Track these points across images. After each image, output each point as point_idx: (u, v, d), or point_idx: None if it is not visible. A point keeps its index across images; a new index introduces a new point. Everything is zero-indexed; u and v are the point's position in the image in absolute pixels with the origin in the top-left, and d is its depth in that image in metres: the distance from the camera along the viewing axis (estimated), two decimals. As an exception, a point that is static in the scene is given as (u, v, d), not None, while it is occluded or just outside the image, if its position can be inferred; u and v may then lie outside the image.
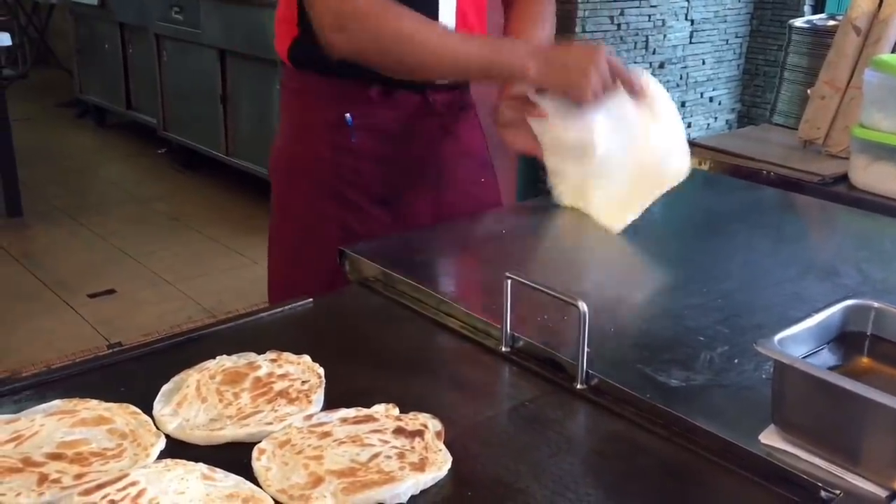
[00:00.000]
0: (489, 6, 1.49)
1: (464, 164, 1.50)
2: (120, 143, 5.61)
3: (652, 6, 3.97)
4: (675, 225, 1.45)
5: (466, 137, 1.51)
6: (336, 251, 1.26)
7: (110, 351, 1.05)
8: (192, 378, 0.89)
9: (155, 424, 0.83)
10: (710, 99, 4.50)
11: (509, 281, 0.97)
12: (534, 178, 4.06)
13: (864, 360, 0.83)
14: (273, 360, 0.94)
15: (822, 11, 4.18)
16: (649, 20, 3.95)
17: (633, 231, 1.33)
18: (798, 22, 2.18)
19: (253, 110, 4.21)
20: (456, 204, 1.48)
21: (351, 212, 1.41)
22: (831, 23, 2.19)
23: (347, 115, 1.38)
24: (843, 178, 1.71)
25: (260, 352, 0.96)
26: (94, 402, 0.85)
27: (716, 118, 4.57)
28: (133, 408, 0.84)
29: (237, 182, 4.52)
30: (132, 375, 0.94)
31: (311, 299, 1.12)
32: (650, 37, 3.99)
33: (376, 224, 1.41)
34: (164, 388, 0.89)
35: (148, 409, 0.85)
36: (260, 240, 3.86)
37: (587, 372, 0.91)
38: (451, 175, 1.48)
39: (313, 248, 1.41)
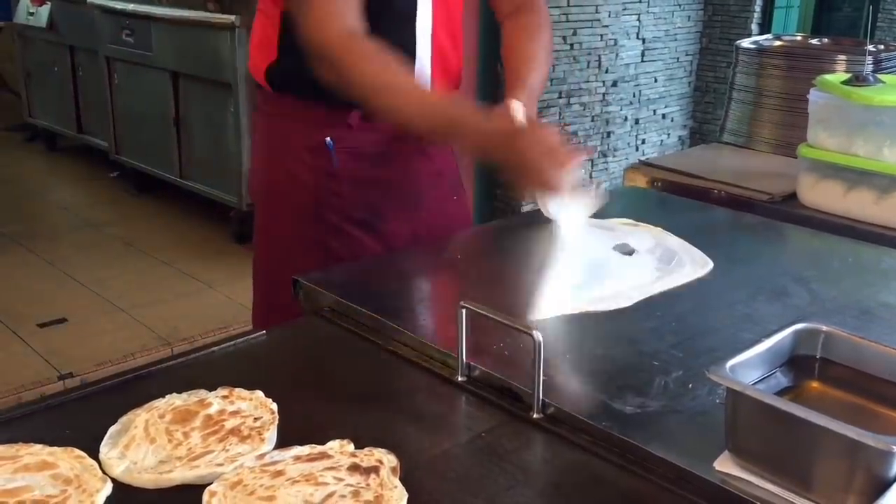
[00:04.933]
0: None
1: (438, 184, 1.52)
2: (71, 167, 5.50)
3: (604, 26, 4.02)
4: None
5: (439, 158, 1.53)
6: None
7: (55, 392, 1.02)
8: (140, 418, 0.87)
9: (101, 468, 0.80)
10: (663, 116, 4.57)
11: (464, 310, 0.97)
12: (489, 194, 4.08)
13: (815, 384, 0.84)
14: (225, 397, 0.92)
15: (768, 31, 4.28)
16: (601, 40, 4.01)
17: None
18: (745, 42, 2.23)
19: (207, 132, 4.17)
20: (431, 222, 1.49)
21: (332, 234, 1.42)
22: (777, 43, 2.25)
23: (328, 138, 1.39)
24: (792, 196, 1.74)
25: (211, 388, 0.94)
26: (37, 447, 0.82)
27: (668, 134, 4.64)
28: (78, 451, 0.82)
29: (192, 205, 4.46)
30: (78, 416, 0.92)
31: (263, 332, 1.10)
32: (603, 56, 4.04)
33: (357, 246, 1.42)
34: (112, 429, 0.86)
35: (95, 452, 0.82)
36: (216, 263, 3.85)
37: (543, 401, 0.91)
38: (426, 195, 1.49)
39: (296, 272, 1.41)
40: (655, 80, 4.44)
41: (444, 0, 1.42)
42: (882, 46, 2.14)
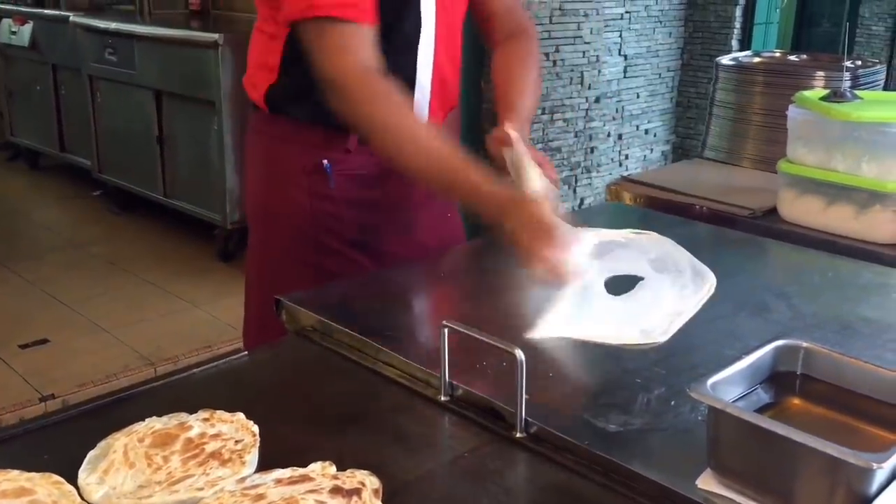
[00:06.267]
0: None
1: (431, 204, 1.53)
2: (53, 186, 5.47)
3: (586, 43, 4.06)
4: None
5: None
6: None
7: (34, 416, 1.00)
8: (119, 442, 0.86)
9: (80, 494, 0.79)
10: (646, 131, 4.60)
11: (446, 329, 0.97)
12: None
13: (796, 401, 0.85)
14: (205, 420, 0.91)
15: (748, 47, 4.33)
16: (584, 56, 4.04)
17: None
18: (724, 59, 2.25)
19: (191, 151, 4.16)
20: (426, 242, 1.50)
21: (328, 256, 1.42)
22: (756, 60, 2.27)
23: (325, 161, 1.39)
24: (773, 211, 1.75)
25: (192, 410, 0.93)
26: (14, 473, 0.81)
27: (652, 150, 4.67)
28: (56, 477, 0.81)
29: (175, 223, 4.45)
30: (58, 441, 0.91)
31: (245, 353, 1.10)
32: (585, 72, 4.07)
33: (352, 267, 1.42)
34: (91, 454, 0.85)
35: (74, 478, 0.81)
36: (200, 282, 3.84)
37: (526, 420, 0.91)
38: (420, 215, 1.50)
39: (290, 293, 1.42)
40: (638, 96, 4.48)
41: (447, 25, 1.43)
42: (859, 62, 2.17)
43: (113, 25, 4.39)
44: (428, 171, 1.29)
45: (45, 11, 5.15)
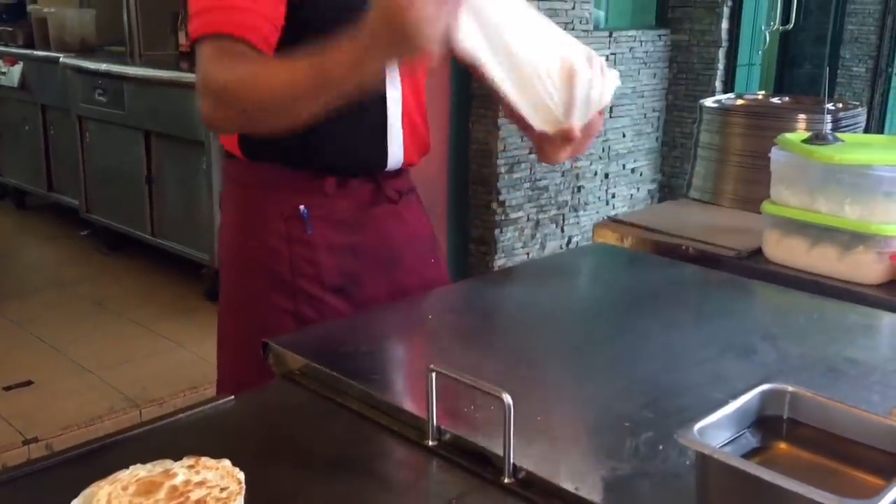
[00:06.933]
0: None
1: (413, 247, 1.52)
2: (41, 225, 5.46)
3: (572, 84, 4.10)
4: (603, 304, 1.48)
5: (414, 220, 1.53)
6: None
7: (17, 464, 0.99)
8: (102, 491, 0.85)
9: (62, 545, 0.78)
10: (632, 170, 4.65)
11: (433, 373, 0.96)
12: (462, 250, 4.10)
13: (783, 445, 0.85)
14: (190, 467, 0.90)
15: (731, 88, 4.40)
16: (571, 97, 4.09)
17: (561, 311, 1.34)
18: (708, 101, 2.28)
19: (179, 191, 4.17)
20: (408, 286, 1.48)
21: (306, 303, 1.40)
22: (739, 102, 2.30)
23: (302, 206, 1.38)
24: (758, 251, 1.77)
25: (177, 457, 0.92)
26: (-5, 524, 0.80)
27: (638, 188, 4.71)
28: (38, 528, 0.80)
29: (163, 263, 4.44)
30: (40, 489, 0.90)
31: (232, 397, 1.09)
32: (572, 113, 4.11)
33: (332, 313, 1.40)
34: (74, 503, 0.84)
35: (55, 528, 0.80)
36: (187, 322, 3.82)
37: (514, 465, 0.90)
38: (403, 258, 1.48)
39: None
40: (624, 136, 4.53)
41: (411, 72, 1.44)
42: (840, 105, 2.20)
43: (103, 66, 4.42)
44: (305, 78, 1.10)
45: (36, 52, 5.18)
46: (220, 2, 1.22)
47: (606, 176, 4.49)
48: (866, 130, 2.48)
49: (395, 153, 1.45)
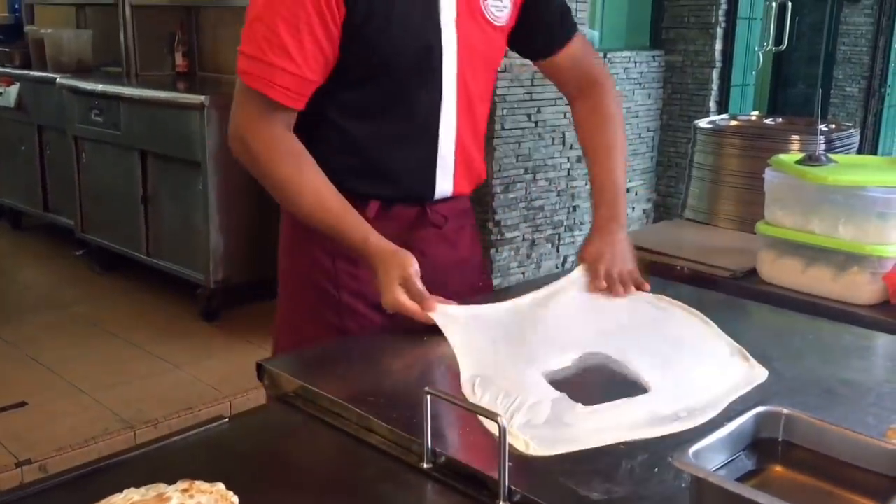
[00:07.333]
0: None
1: (461, 271, 1.53)
2: (36, 245, 5.45)
3: (567, 104, 4.11)
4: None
5: (462, 244, 1.54)
6: None
7: (10, 488, 0.99)
8: (96, 516, 0.84)
9: (54, 570, 0.77)
10: (628, 190, 4.66)
11: (428, 396, 0.96)
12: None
13: (778, 468, 0.85)
14: (184, 490, 0.89)
15: (725, 109, 4.42)
16: (565, 117, 4.10)
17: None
18: (702, 122, 2.29)
19: (175, 210, 4.17)
20: None
21: (350, 318, 1.43)
22: (733, 123, 2.32)
23: None
24: (753, 272, 1.77)
25: (171, 480, 0.91)
26: (-13, 549, 0.79)
27: (633, 208, 4.72)
28: (31, 553, 0.79)
29: (159, 283, 4.43)
30: (32, 514, 0.89)
31: (226, 419, 1.09)
32: (566, 132, 4.13)
33: (375, 329, 1.43)
34: (66, 527, 0.84)
35: (48, 553, 0.80)
36: (182, 342, 3.80)
37: (509, 488, 0.90)
38: (448, 282, 1.46)
39: None
40: (619, 156, 4.53)
41: (468, 97, 1.45)
42: (833, 126, 2.21)
43: (100, 87, 4.43)
44: (319, 220, 1.37)
45: (32, 73, 5.19)
46: (267, 55, 1.31)
47: (602, 195, 4.49)
48: (860, 151, 2.49)
49: (444, 185, 1.46)
